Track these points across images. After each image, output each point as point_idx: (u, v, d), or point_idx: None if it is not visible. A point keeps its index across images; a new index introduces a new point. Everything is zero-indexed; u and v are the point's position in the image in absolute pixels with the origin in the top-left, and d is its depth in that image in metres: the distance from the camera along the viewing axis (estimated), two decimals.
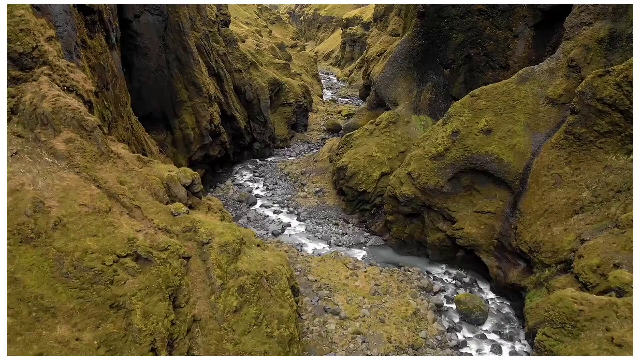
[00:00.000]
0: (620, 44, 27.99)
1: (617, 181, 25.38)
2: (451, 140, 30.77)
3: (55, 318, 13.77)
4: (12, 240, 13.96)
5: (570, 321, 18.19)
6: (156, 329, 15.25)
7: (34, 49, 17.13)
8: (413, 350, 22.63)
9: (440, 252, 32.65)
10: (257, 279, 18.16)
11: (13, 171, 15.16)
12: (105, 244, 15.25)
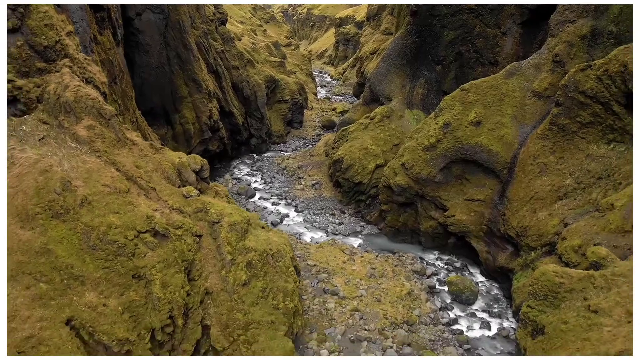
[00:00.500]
0: (602, 40, 29.64)
1: (598, 169, 27.01)
2: (443, 132, 32.34)
3: (84, 285, 15.18)
4: (44, 215, 15.35)
5: (552, 293, 19.76)
6: (173, 298, 16.69)
7: (57, 43, 18.52)
8: (408, 325, 24.17)
9: (433, 239, 34.22)
10: (263, 256, 19.64)
11: (42, 154, 16.54)
12: (126, 220, 16.66)
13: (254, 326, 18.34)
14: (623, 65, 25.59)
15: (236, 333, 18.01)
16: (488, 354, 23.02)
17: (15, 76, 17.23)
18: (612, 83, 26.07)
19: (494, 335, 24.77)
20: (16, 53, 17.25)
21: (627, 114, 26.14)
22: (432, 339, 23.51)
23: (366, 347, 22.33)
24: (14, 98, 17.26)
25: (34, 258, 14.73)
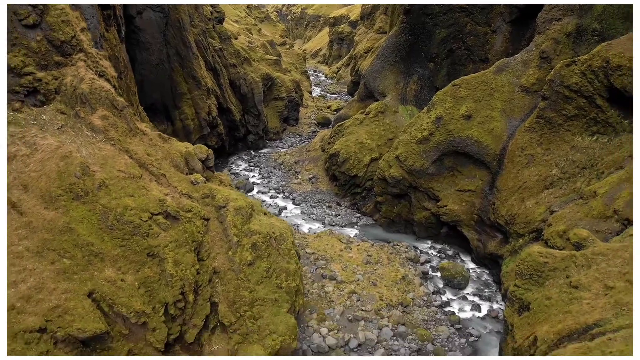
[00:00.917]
0: (586, 37, 31.12)
1: (582, 159, 28.47)
2: (435, 125, 33.71)
3: (103, 262, 16.40)
4: (65, 197, 16.55)
5: (537, 272, 21.12)
6: (185, 275, 17.93)
7: (73, 38, 19.69)
8: (402, 307, 25.51)
9: (426, 228, 35.59)
10: (267, 238, 20.89)
11: (61, 141, 17.73)
12: (140, 203, 17.88)
13: (259, 303, 19.60)
14: (605, 61, 27.05)
15: (243, 309, 19.26)
16: (478, 333, 24.36)
17: (35, 69, 18.38)
18: (595, 78, 27.52)
19: (484, 316, 26.15)
20: (36, 47, 18.40)
21: (609, 107, 27.60)
22: (425, 319, 24.87)
23: (363, 325, 23.66)
24: (34, 89, 18.41)
25: (57, 236, 15.93)
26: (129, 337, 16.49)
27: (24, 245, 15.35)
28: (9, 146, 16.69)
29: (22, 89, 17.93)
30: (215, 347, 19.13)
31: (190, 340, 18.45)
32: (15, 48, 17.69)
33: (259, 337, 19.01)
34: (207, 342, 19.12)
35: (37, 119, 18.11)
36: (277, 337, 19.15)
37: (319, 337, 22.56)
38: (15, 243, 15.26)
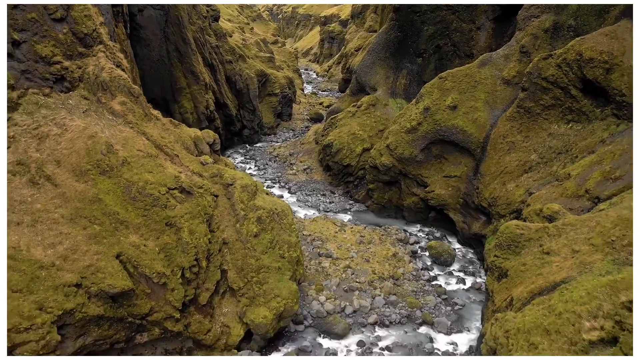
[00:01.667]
0: (562, 32, 33.51)
1: (558, 145, 30.85)
2: (423, 115, 35.98)
3: (128, 229, 18.45)
4: (94, 172, 18.58)
5: (514, 243, 23.41)
6: (199, 243, 20.02)
7: (94, 31, 21.68)
8: (393, 280, 27.72)
9: (415, 213, 37.87)
10: (270, 213, 23.01)
11: (87, 123, 19.74)
12: (159, 178, 19.94)
13: (264, 270, 21.70)
14: (579, 54, 29.43)
15: (250, 275, 21.35)
16: (463, 302, 26.61)
17: (62, 58, 20.32)
18: (570, 70, 29.90)
19: (468, 288, 28.45)
20: (63, 39, 20.33)
21: (583, 97, 30.01)
22: (414, 290, 27.10)
23: (357, 295, 25.85)
24: (61, 77, 20.35)
25: (88, 205, 17.95)
26: (151, 296, 18.55)
27: (59, 212, 17.36)
28: (42, 127, 18.66)
29: (51, 76, 19.89)
30: (225, 310, 21.25)
31: (203, 302, 20.54)
32: (45, 39, 19.65)
33: (264, 300, 21.12)
34: (217, 305, 21.23)
35: (64, 104, 20.09)
36: (281, 300, 21.27)
37: (317, 304, 24.72)
38: (51, 210, 17.27)
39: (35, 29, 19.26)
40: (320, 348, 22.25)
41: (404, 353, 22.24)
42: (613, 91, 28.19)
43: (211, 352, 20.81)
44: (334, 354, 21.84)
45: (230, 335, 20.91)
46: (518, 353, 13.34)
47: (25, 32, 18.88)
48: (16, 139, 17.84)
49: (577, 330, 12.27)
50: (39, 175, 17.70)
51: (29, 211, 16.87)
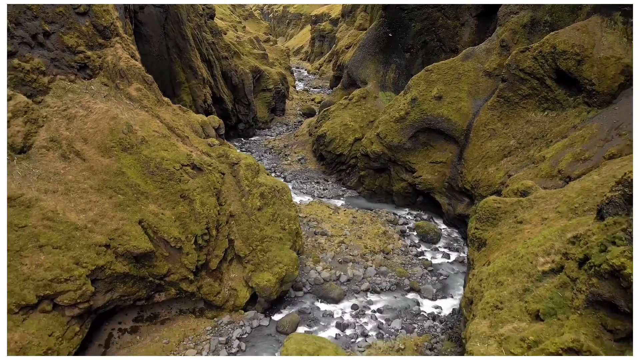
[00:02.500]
0: (539, 28, 36.15)
1: (535, 131, 33.45)
2: (410, 105, 38.48)
3: (147, 199, 20.73)
4: (117, 148, 20.83)
5: (492, 215, 25.92)
6: (209, 214, 22.33)
7: (111, 24, 23.90)
8: (384, 254, 30.19)
9: (404, 198, 40.38)
10: (272, 190, 25.37)
11: (109, 106, 21.98)
12: (173, 155, 22.22)
13: (267, 240, 24.04)
14: (553, 47, 32.04)
15: (254, 244, 23.70)
16: (447, 273, 29.11)
17: (85, 48, 22.49)
18: (545, 62, 32.51)
19: (452, 262, 30.99)
20: (85, 31, 22.49)
21: (557, 87, 32.65)
22: (403, 263, 29.59)
23: (351, 266, 28.30)
24: (84, 65, 22.53)
25: (112, 177, 20.20)
26: (168, 258, 20.84)
27: (88, 183, 19.60)
28: (70, 109, 20.87)
29: (76, 64, 22.07)
30: (233, 275, 23.60)
31: (213, 267, 22.86)
32: (71, 31, 21.83)
33: (268, 266, 23.48)
34: (226, 270, 23.57)
35: (87, 89, 22.28)
36: (283, 266, 23.64)
37: (315, 273, 27.14)
38: (81, 181, 19.50)
39: (62, 21, 21.45)
40: (318, 311, 24.65)
41: (393, 315, 24.68)
42: (584, 81, 30.83)
43: (220, 313, 23.15)
44: (330, 316, 24.24)
45: (237, 297, 23.27)
46: (488, 293, 15.79)
47: (54, 24, 21.08)
48: (48, 119, 20.04)
49: (534, 266, 14.73)
50: (69, 150, 19.91)
51: (62, 181, 19.10)
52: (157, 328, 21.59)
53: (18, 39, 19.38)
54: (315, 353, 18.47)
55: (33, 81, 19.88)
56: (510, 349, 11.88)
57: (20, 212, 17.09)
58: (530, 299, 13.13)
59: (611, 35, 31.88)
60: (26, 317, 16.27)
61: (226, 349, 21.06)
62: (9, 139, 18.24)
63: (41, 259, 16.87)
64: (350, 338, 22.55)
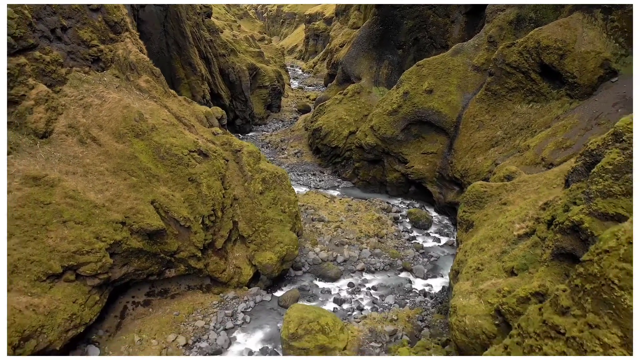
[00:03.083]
0: (524, 24, 37.98)
1: (521, 122, 35.27)
2: (403, 99, 40.23)
3: (159, 182, 22.35)
4: (129, 135, 22.42)
5: (478, 199, 27.68)
6: (215, 196, 23.97)
7: (121, 20, 25.49)
8: (378, 237, 31.92)
9: (397, 188, 42.14)
10: (272, 175, 27.03)
11: (121, 96, 23.56)
12: (181, 142, 23.84)
13: (269, 221, 25.71)
14: (537, 42, 33.84)
15: (257, 225, 25.35)
16: (438, 255, 30.88)
17: (98, 42, 24.05)
18: (530, 56, 34.31)
19: (443, 245, 32.76)
20: (98, 26, 24.05)
21: (541, 80, 34.44)
22: (396, 246, 31.33)
23: (347, 248, 30.02)
24: (97, 58, 24.09)
25: (126, 161, 21.79)
26: (178, 237, 22.46)
27: (104, 166, 21.19)
28: (85, 98, 22.45)
29: (90, 57, 23.64)
30: (237, 254, 25.25)
31: (219, 246, 24.49)
32: (85, 26, 23.39)
33: (270, 246, 25.15)
34: (230, 250, 25.22)
35: (101, 80, 23.85)
36: (284, 246, 25.31)
37: (313, 254, 28.84)
38: (98, 164, 21.09)
39: (78, 17, 23.01)
40: (316, 288, 26.34)
41: (387, 291, 26.41)
42: (566, 74, 32.64)
43: (226, 289, 24.81)
44: (328, 292, 25.94)
45: (241, 274, 24.93)
46: (471, 259, 17.53)
47: (70, 19, 22.64)
48: (67, 107, 21.61)
49: (511, 232, 16.47)
50: (86, 136, 21.48)
51: (80, 164, 20.67)
52: (168, 302, 23.23)
53: (39, 33, 20.94)
54: (315, 319, 20.18)
55: (52, 72, 21.45)
56: (488, 300, 13.60)
57: (45, 190, 18.68)
58: (507, 259, 14.87)
59: (592, 30, 33.69)
60: (53, 285, 17.87)
61: (232, 321, 22.71)
62: (32, 124, 19.82)
63: (65, 233, 18.46)
64: (347, 311, 24.26)
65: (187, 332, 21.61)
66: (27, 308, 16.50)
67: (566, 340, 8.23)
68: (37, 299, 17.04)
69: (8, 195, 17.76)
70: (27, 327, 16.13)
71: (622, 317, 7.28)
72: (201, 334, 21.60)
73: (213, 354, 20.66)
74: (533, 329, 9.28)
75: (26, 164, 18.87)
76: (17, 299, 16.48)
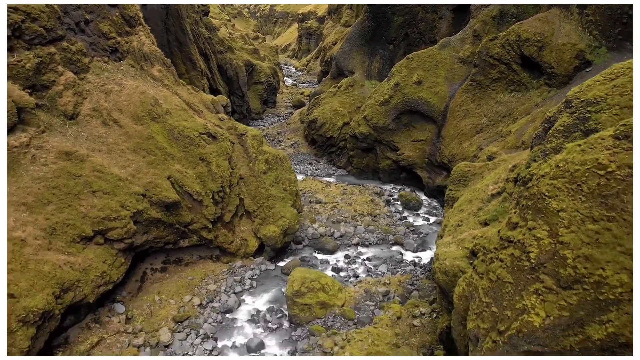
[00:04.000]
0: (507, 19, 40.60)
1: (503, 110, 37.89)
2: (394, 90, 42.79)
3: (173, 160, 24.75)
4: (147, 117, 24.81)
5: (463, 177, 30.27)
6: (223, 174, 26.40)
7: (135, 14, 27.85)
8: (371, 216, 34.45)
9: (389, 174, 44.70)
10: (274, 157, 29.48)
11: (137, 83, 25.94)
12: (192, 125, 26.25)
13: (272, 198, 28.15)
14: (518, 35, 36.45)
15: (261, 201, 27.80)
16: (427, 232, 33.45)
17: (115, 35, 26.39)
18: (511, 48, 36.94)
19: (432, 223, 35.35)
20: (116, 20, 26.41)
21: (522, 70, 37.06)
22: (388, 224, 33.88)
23: (343, 224, 32.55)
24: (115, 49, 26.44)
25: (145, 141, 24.18)
26: (191, 209, 24.87)
27: (125, 145, 23.56)
28: (106, 85, 24.82)
29: (109, 48, 25.99)
30: (243, 228, 27.68)
31: (227, 220, 26.92)
32: (105, 20, 25.75)
33: (273, 220, 27.60)
34: (237, 224, 27.65)
35: (118, 69, 26.21)
36: (286, 220, 27.77)
37: (312, 230, 31.34)
38: (120, 144, 23.46)
39: (98, 11, 25.36)
40: (316, 259, 28.81)
41: (380, 262, 28.93)
42: (544, 64, 35.27)
43: (234, 259, 27.25)
44: (326, 262, 28.44)
45: (247, 246, 27.38)
46: (452, 219, 20.07)
47: (92, 13, 24.99)
48: (90, 92, 23.96)
49: (486, 193, 19.03)
50: (109, 118, 23.84)
51: (104, 143, 23.04)
52: (182, 269, 25.65)
53: (66, 25, 23.29)
54: (316, 279, 22.69)
55: (77, 61, 23.80)
56: (465, 246, 16.13)
57: (76, 164, 21.04)
58: (482, 214, 17.41)
59: (568, 24, 36.37)
60: (85, 246, 20.24)
61: (240, 286, 25.15)
62: (62, 107, 22.19)
63: (95, 201, 20.84)
64: (344, 278, 26.76)
65: (201, 294, 24.05)
66: (66, 265, 18.87)
67: (514, 245, 10.68)
68: (73, 258, 19.40)
69: (44, 167, 20.14)
70: (66, 281, 18.51)
71: (549, 217, 9.70)
72: (213, 296, 24.03)
73: (225, 312, 23.09)
74: (493, 246, 11.74)
75: (58, 141, 21.22)
76: (57, 257, 18.84)
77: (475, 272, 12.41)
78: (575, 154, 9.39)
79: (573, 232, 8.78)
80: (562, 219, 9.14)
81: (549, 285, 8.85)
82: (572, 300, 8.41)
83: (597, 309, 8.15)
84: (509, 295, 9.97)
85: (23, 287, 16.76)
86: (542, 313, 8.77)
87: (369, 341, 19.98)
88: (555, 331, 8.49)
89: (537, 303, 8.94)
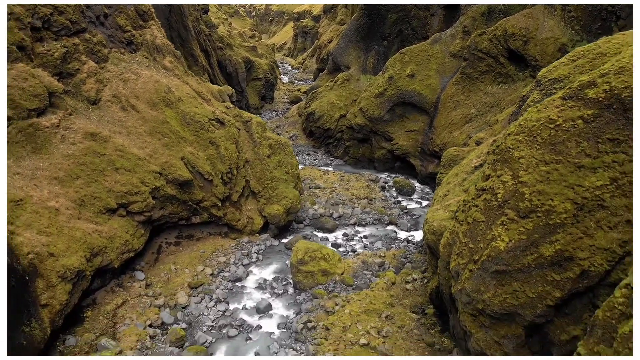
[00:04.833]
0: (495, 15, 42.98)
1: (491, 101, 40.24)
2: (388, 83, 45.09)
3: (186, 143, 26.93)
4: (161, 104, 26.98)
5: (452, 161, 32.55)
6: (231, 157, 28.60)
7: (148, 10, 30.00)
8: (368, 200, 36.73)
9: (384, 163, 47.00)
10: (277, 142, 31.70)
11: (151, 73, 28.10)
12: (202, 111, 28.43)
13: (276, 180, 30.37)
14: (504, 30, 38.81)
15: (266, 183, 30.01)
16: (419, 214, 35.75)
17: (131, 28, 28.54)
18: (498, 43, 39.29)
19: (424, 207, 37.66)
20: (131, 14, 28.55)
21: (509, 63, 39.43)
22: (384, 206, 36.16)
23: (341, 206, 34.81)
24: (130, 41, 28.59)
25: (160, 125, 26.35)
26: (202, 188, 27.05)
27: (142, 129, 25.73)
28: (124, 74, 26.96)
29: (125, 40, 28.14)
30: (250, 207, 29.90)
31: (234, 199, 29.12)
32: (122, 14, 27.89)
33: (277, 200, 29.81)
34: (244, 203, 29.86)
35: (134, 60, 28.36)
36: (289, 200, 29.99)
37: (313, 211, 33.60)
38: (137, 127, 25.62)
39: (115, 5, 27.51)
40: (316, 237, 31.06)
41: (376, 239, 31.20)
42: (529, 57, 37.63)
43: (241, 235, 29.46)
44: (326, 240, 30.68)
45: (253, 224, 29.59)
46: (440, 190, 22.36)
47: (111, 8, 27.14)
48: (110, 80, 26.12)
49: (470, 166, 21.32)
50: (127, 104, 25.99)
51: (124, 126, 25.20)
52: (194, 243, 27.85)
53: (88, 18, 25.44)
54: (318, 249, 24.94)
55: (98, 52, 25.95)
56: (450, 209, 18.40)
57: (100, 144, 23.20)
58: (465, 183, 19.69)
59: (551, 20, 38.75)
60: (110, 217, 22.40)
61: (247, 259, 27.38)
62: (85, 92, 24.34)
63: (118, 177, 23.00)
64: (343, 253, 29.02)
65: (212, 265, 26.26)
66: (94, 232, 21.03)
67: (486, 191, 12.94)
68: (100, 227, 21.56)
69: (72, 146, 22.29)
70: (95, 246, 20.67)
71: (512, 164, 11.95)
72: (223, 267, 26.25)
73: (235, 280, 25.31)
74: (471, 197, 13.98)
75: (84, 123, 23.38)
76: (86, 225, 21.00)
77: (456, 221, 14.66)
78: (533, 114, 11.63)
79: (530, 173, 11.00)
80: (522, 164, 11.38)
81: (511, 217, 11.08)
82: (528, 227, 10.63)
83: (548, 231, 10.37)
84: (482, 231, 12.21)
85: (60, 249, 18.92)
86: (506, 239, 11.00)
87: (366, 301, 22.26)
88: (517, 252, 10.70)
89: (503, 232, 11.16)
